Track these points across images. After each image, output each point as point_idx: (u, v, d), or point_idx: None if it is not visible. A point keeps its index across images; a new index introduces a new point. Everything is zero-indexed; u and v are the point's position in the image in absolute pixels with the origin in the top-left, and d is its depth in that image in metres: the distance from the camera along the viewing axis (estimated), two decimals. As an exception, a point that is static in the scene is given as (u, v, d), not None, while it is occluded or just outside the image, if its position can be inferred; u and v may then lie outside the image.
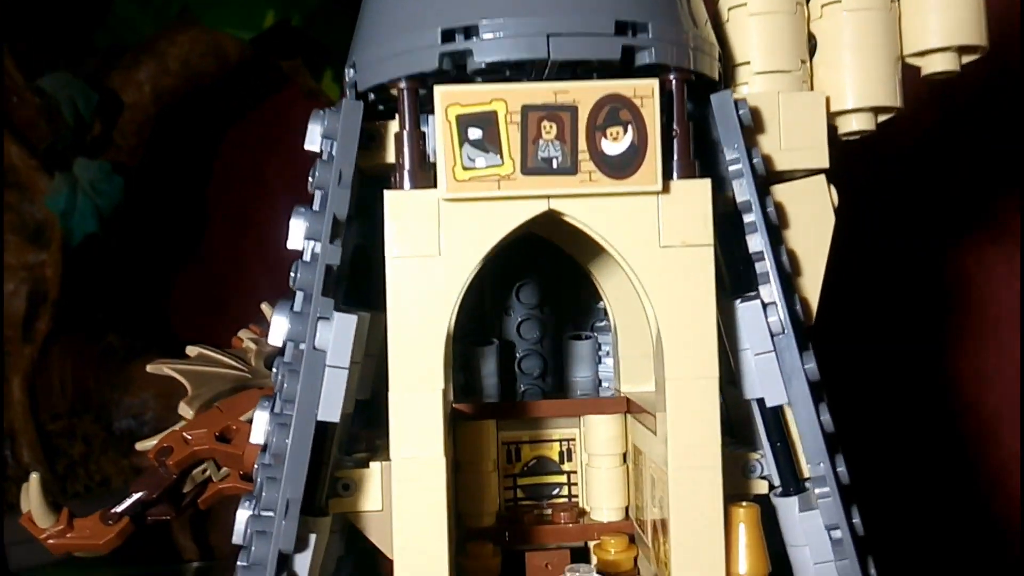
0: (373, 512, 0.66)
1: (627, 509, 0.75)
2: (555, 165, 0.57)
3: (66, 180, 1.90)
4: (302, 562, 0.61)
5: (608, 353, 0.85)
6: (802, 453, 0.64)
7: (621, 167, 0.57)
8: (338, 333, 0.60)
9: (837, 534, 0.60)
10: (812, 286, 0.65)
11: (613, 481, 0.75)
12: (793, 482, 0.65)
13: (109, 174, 1.98)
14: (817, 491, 0.60)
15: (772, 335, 0.60)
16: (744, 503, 0.61)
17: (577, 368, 0.83)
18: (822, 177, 0.66)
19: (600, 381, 0.84)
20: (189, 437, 0.72)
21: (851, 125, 0.69)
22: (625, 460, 0.75)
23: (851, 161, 0.67)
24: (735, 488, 0.65)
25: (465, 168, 0.57)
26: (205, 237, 2.25)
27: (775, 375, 0.60)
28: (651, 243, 0.59)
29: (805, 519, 0.61)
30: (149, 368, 0.72)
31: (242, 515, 0.63)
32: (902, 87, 0.68)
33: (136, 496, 0.73)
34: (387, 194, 0.59)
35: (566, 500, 0.78)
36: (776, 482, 0.65)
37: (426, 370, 0.59)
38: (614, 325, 0.79)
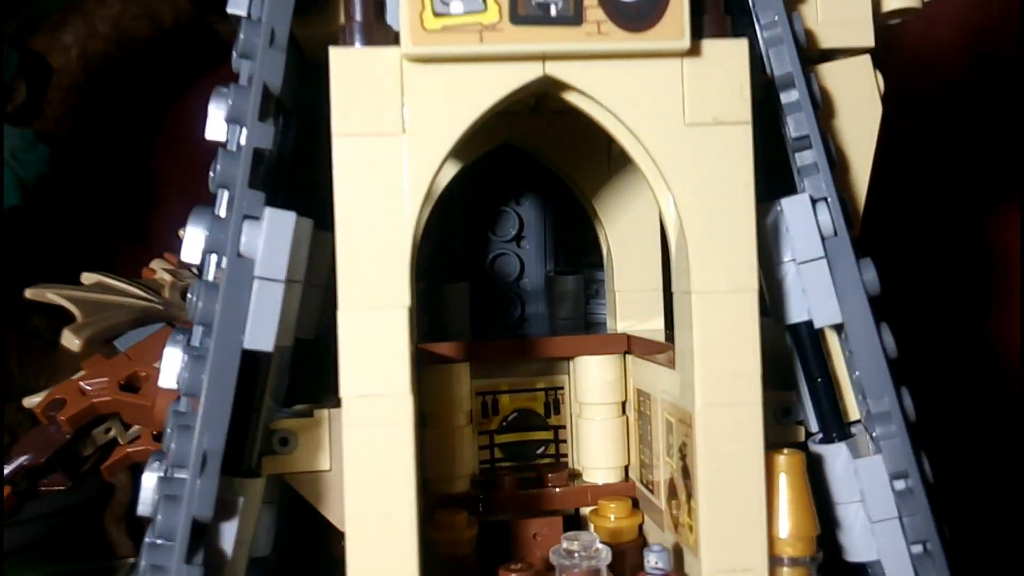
0: (319, 473, 0.52)
1: (626, 469, 0.63)
2: (554, 12, 0.44)
3: (-18, 148, 1.73)
4: (226, 533, 0.47)
5: (598, 292, 0.72)
6: (848, 389, 0.52)
7: (638, 16, 0.45)
8: (271, 235, 0.46)
9: (902, 484, 0.48)
10: (859, 185, 0.53)
11: (610, 436, 0.62)
12: (836, 426, 0.53)
13: (32, 143, 1.80)
14: (879, 430, 0.48)
15: (823, 238, 0.48)
16: (786, 450, 0.49)
17: (560, 307, 0.70)
18: (867, 57, 0.55)
19: (588, 324, 0.72)
20: (87, 387, 0.58)
21: (894, 3, 0.57)
22: (624, 411, 0.63)
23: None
24: (768, 436, 0.52)
25: (437, 15, 0.44)
26: (152, 216, 2.08)
27: (826, 287, 0.48)
28: (674, 120, 0.47)
29: (864, 468, 0.49)
30: (28, 293, 0.57)
31: (149, 479, 0.49)
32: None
33: (19, 460, 0.58)
34: (333, 52, 0.46)
35: (553, 460, 0.65)
36: (813, 427, 0.53)
37: (387, 282, 0.46)
38: (609, 253, 0.67)
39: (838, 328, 0.50)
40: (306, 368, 0.57)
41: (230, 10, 0.50)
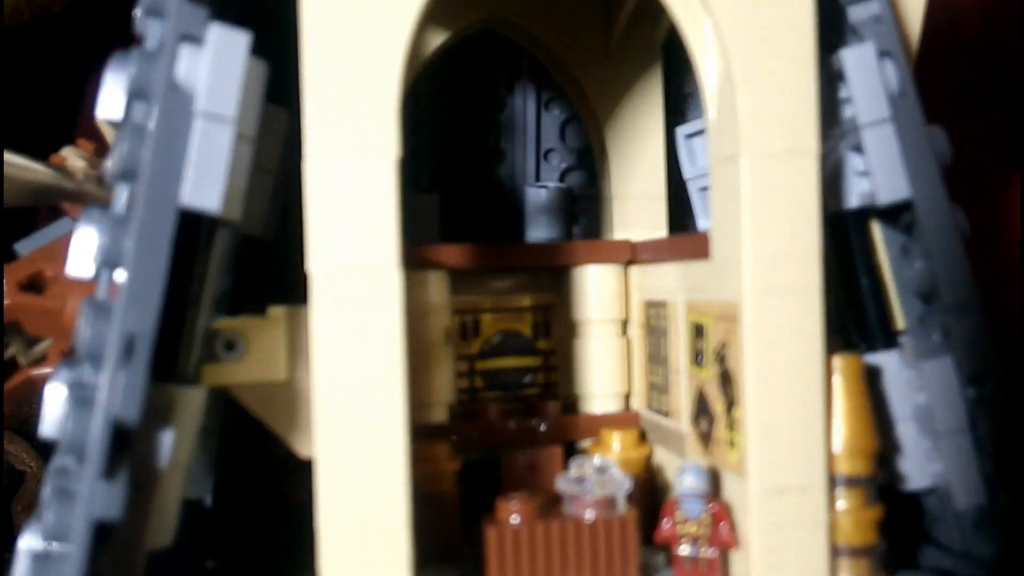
0: (274, 385, 0.42)
1: (627, 398, 0.54)
2: None
3: None
4: (157, 450, 0.36)
5: (585, 210, 0.64)
6: (897, 292, 0.45)
7: None
8: (218, 60, 0.36)
9: (975, 391, 0.41)
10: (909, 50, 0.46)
11: (611, 358, 0.53)
12: (883, 334, 0.45)
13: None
14: (953, 323, 0.40)
15: (890, 97, 0.41)
16: (842, 353, 0.41)
17: (535, 226, 0.61)
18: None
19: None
20: (-23, 289, 0.46)
21: None
22: (625, 331, 0.54)
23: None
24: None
25: None
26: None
27: (892, 156, 0.41)
28: (723, -58, 0.38)
29: (931, 371, 0.41)
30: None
31: (55, 391, 0.38)
32: None
33: None
34: None
35: (541, 391, 0.56)
36: (854, 337, 0.46)
37: (369, 126, 0.36)
38: (605, 155, 0.58)
39: (898, 212, 0.43)
40: (255, 280, 0.46)
41: None
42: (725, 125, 0.40)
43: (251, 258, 0.46)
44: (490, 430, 0.52)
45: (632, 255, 0.53)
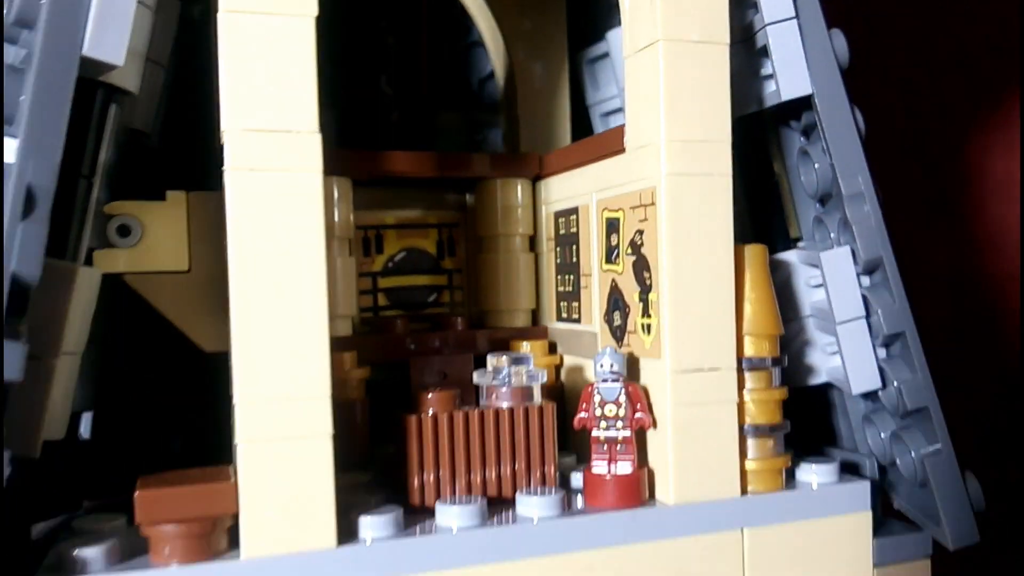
0: (174, 275, 0.40)
1: (534, 314, 0.55)
2: None
3: None
4: (54, 314, 0.34)
5: (486, 138, 0.64)
6: (795, 199, 0.47)
7: None
8: (127, -99, 0.33)
9: (869, 280, 0.43)
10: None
11: (518, 272, 0.53)
12: (782, 239, 0.48)
13: None
14: (851, 213, 0.42)
15: (793, -3, 0.43)
16: (748, 243, 0.43)
17: (449, 142, 0.61)
18: None
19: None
20: None
21: None
22: (532, 247, 0.55)
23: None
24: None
25: None
26: None
27: (796, 52, 0.42)
28: None
29: (829, 261, 0.43)
30: None
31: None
32: None
33: None
34: None
35: (447, 309, 0.56)
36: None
37: (290, -18, 0.35)
38: (511, 78, 0.58)
39: (798, 114, 0.45)
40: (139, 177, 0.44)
41: None
42: (643, 16, 0.41)
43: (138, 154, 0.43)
44: (397, 343, 0.50)
45: (540, 169, 0.53)
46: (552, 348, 0.52)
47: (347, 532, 0.36)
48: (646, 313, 0.41)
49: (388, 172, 0.51)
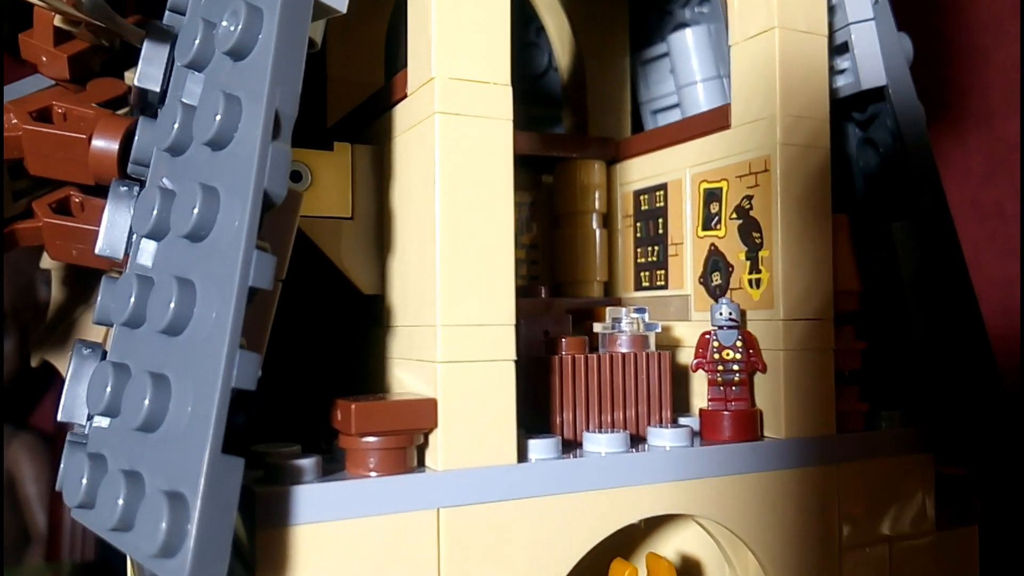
0: (340, 221, 0.43)
1: (606, 286, 0.59)
2: None
3: None
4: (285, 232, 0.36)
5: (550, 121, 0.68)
6: (857, 178, 0.54)
7: None
8: None
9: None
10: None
11: (593, 247, 0.58)
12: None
13: None
14: (922, 186, 0.49)
15: (872, 1, 0.49)
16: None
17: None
18: None
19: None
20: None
21: None
22: (606, 224, 0.59)
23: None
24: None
25: None
26: None
27: (874, 49, 0.49)
28: None
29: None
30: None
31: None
32: None
33: None
34: None
35: (524, 281, 0.59)
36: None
37: (485, -48, 0.38)
38: (581, 72, 0.63)
39: (864, 106, 0.52)
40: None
41: None
42: (754, 9, 0.46)
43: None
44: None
45: (616, 153, 0.58)
46: (629, 317, 0.57)
47: (522, 454, 0.39)
48: (755, 270, 0.46)
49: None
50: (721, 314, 0.45)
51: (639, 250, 0.57)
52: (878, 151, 0.51)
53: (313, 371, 0.45)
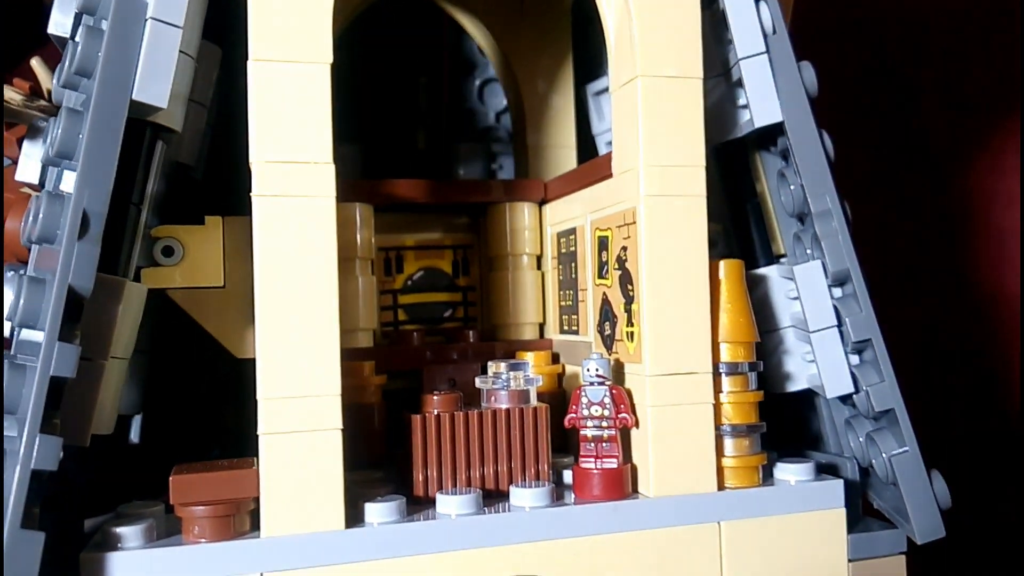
0: (211, 291, 0.45)
1: (541, 328, 0.59)
2: None
3: None
4: (105, 321, 0.39)
5: (503, 166, 0.69)
6: (777, 211, 0.51)
7: None
8: (169, -29, 0.39)
9: (840, 291, 0.47)
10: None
11: (525, 289, 0.58)
12: (765, 253, 0.51)
13: None
14: (820, 229, 0.46)
15: (765, 34, 0.47)
16: (725, 259, 0.47)
17: (468, 170, 0.66)
18: None
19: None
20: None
21: None
22: (539, 265, 0.59)
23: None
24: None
25: None
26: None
27: (768, 85, 0.47)
28: None
29: (802, 273, 0.47)
30: None
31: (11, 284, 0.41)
32: None
33: None
34: None
35: (461, 324, 0.60)
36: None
37: (308, 33, 0.40)
38: (521, 107, 0.63)
39: (775, 139, 0.49)
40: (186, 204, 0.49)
41: None
42: (625, 54, 0.45)
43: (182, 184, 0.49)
44: (412, 354, 0.55)
45: (545, 194, 0.58)
46: (555, 358, 0.57)
47: (356, 518, 0.41)
48: (630, 322, 0.45)
49: (405, 199, 0.56)
50: (588, 370, 0.45)
51: (561, 292, 0.56)
52: (789, 187, 0.49)
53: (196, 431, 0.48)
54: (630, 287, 0.45)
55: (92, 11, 0.40)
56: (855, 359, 0.47)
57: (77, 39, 0.39)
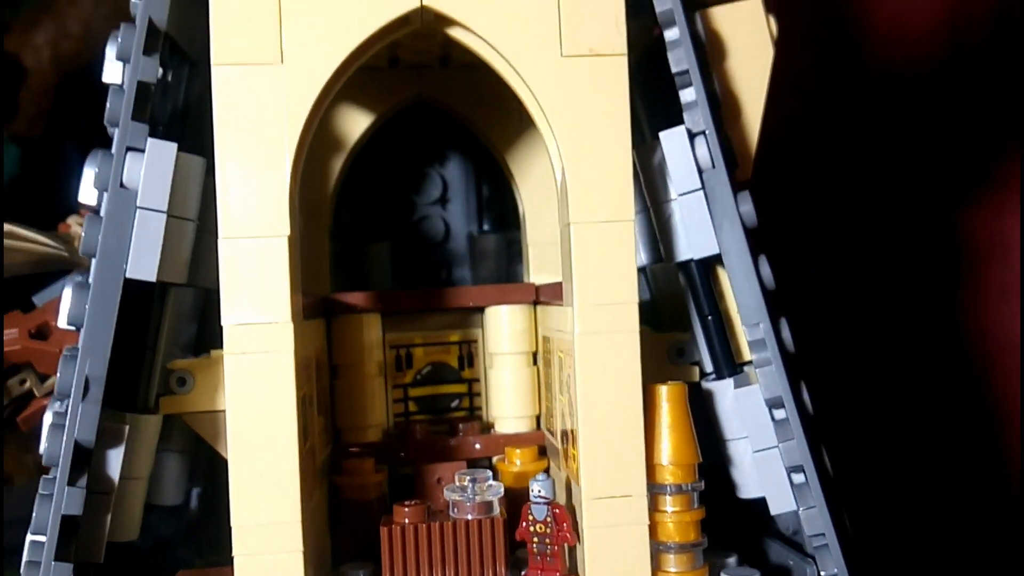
0: (216, 413, 0.53)
1: (538, 419, 0.63)
2: (426, -55, 0.45)
3: (-48, 149, 1.73)
4: (112, 462, 0.48)
5: (520, 252, 0.73)
6: (738, 325, 0.53)
7: (510, -51, 0.46)
8: (152, 165, 0.47)
9: (780, 413, 0.49)
10: (749, 127, 0.54)
11: (520, 385, 0.62)
12: (727, 364, 0.53)
13: (3, 144, 1.81)
14: (755, 358, 0.48)
15: (700, 171, 0.49)
16: (668, 381, 0.50)
17: (482, 267, 0.71)
18: (757, 1, 0.56)
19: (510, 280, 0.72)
20: (-2, 337, 0.59)
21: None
22: (535, 361, 0.63)
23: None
24: (662, 376, 0.53)
25: (310, -55, 0.45)
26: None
27: (704, 219, 0.49)
28: (551, 51, 0.47)
29: (741, 397, 0.49)
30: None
31: (47, 417, 0.50)
32: None
33: (-71, 410, 0.58)
34: (210, -17, 0.46)
35: (467, 413, 0.66)
36: (708, 367, 0.54)
37: (266, 211, 0.46)
38: (523, 210, 0.67)
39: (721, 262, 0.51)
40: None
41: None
42: (563, 199, 0.49)
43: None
44: (418, 447, 0.61)
45: (536, 296, 0.62)
46: (543, 451, 0.61)
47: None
48: (573, 444, 0.49)
49: (410, 308, 0.63)
50: (532, 490, 0.49)
51: (546, 394, 0.60)
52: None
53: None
54: (572, 412, 0.49)
55: (105, 189, 0.49)
56: (799, 477, 0.49)
57: (86, 223, 0.47)
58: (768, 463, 0.49)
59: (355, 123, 0.65)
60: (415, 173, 0.73)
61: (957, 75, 0.86)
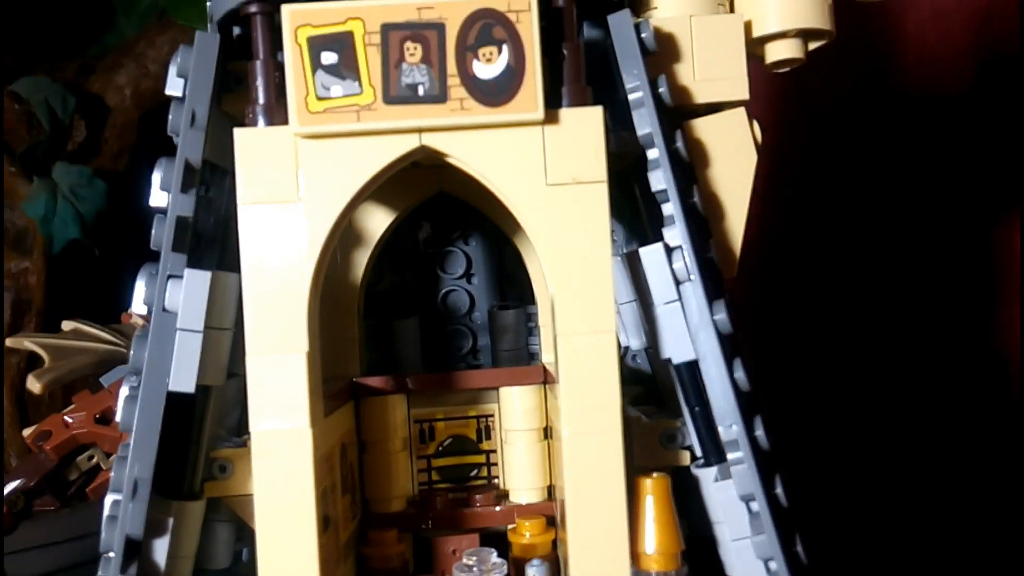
0: (251, 496, 0.60)
1: (550, 490, 0.68)
2: (421, 92, 0.51)
3: (44, 185, 1.86)
4: (159, 549, 0.55)
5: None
6: (724, 418, 0.57)
7: (496, 92, 0.51)
8: (189, 292, 0.54)
9: (754, 506, 0.53)
10: (734, 230, 0.58)
11: (532, 458, 0.68)
12: (715, 451, 0.57)
13: (90, 179, 1.94)
14: (729, 457, 0.53)
15: (677, 283, 0.53)
16: (653, 474, 0.54)
17: (503, 340, 0.76)
18: (741, 110, 0.59)
19: (531, 355, 0.77)
20: (69, 420, 0.67)
21: (778, 53, 0.62)
22: (547, 436, 0.69)
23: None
24: (654, 460, 0.58)
25: (319, 98, 0.51)
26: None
27: (681, 328, 0.53)
28: (537, 181, 0.52)
29: (719, 490, 0.54)
30: (9, 342, 0.66)
31: (107, 500, 0.57)
32: (832, 10, 0.61)
33: (14, 484, 0.67)
34: (237, 132, 0.53)
35: (485, 482, 0.71)
36: (699, 452, 0.58)
37: (287, 330, 0.53)
38: (537, 292, 0.72)
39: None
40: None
41: (168, 91, 0.59)
42: (552, 311, 0.54)
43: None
44: (437, 517, 0.67)
45: (545, 377, 0.67)
46: (552, 521, 0.66)
47: None
48: (564, 528, 0.54)
49: (430, 389, 0.69)
50: (527, 575, 0.54)
51: (554, 465, 0.65)
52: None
53: None
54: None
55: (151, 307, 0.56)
56: (773, 565, 0.53)
57: (133, 345, 0.54)
58: (745, 551, 0.53)
59: (380, 218, 0.71)
60: (442, 252, 0.78)
61: (981, 91, 0.88)
